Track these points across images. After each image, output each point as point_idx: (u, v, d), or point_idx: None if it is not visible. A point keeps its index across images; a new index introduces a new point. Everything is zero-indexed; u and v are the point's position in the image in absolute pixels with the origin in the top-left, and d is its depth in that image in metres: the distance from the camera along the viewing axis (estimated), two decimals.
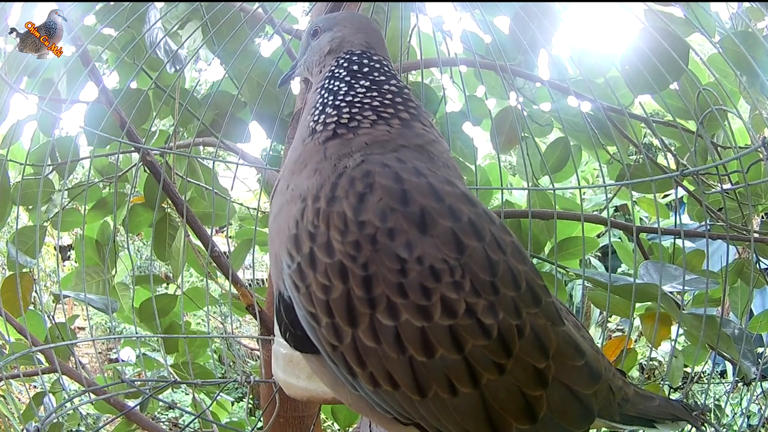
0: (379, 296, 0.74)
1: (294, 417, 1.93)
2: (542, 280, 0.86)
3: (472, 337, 0.75)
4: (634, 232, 1.79)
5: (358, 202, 0.77)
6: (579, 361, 0.83)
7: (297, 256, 0.79)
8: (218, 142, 2.05)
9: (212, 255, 1.96)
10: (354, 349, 0.76)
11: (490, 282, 0.77)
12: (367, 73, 0.96)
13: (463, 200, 0.81)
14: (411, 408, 0.77)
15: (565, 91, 2.04)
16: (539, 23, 1.73)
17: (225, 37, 1.75)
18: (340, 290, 0.76)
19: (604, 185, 1.95)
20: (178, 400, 4.89)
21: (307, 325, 0.80)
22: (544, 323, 0.80)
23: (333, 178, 0.81)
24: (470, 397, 0.76)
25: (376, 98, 0.92)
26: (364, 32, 1.03)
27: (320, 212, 0.79)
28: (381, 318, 0.74)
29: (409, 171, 0.81)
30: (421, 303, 0.74)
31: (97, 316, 5.17)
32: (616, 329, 4.72)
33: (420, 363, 0.75)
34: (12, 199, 1.95)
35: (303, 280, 0.78)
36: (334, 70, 0.97)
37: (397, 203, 0.77)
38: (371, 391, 0.78)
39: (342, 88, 0.94)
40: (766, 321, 2.04)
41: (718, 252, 2.32)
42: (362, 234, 0.76)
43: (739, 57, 1.65)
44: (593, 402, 0.83)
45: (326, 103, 0.93)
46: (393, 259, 0.75)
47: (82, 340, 2.23)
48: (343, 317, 0.76)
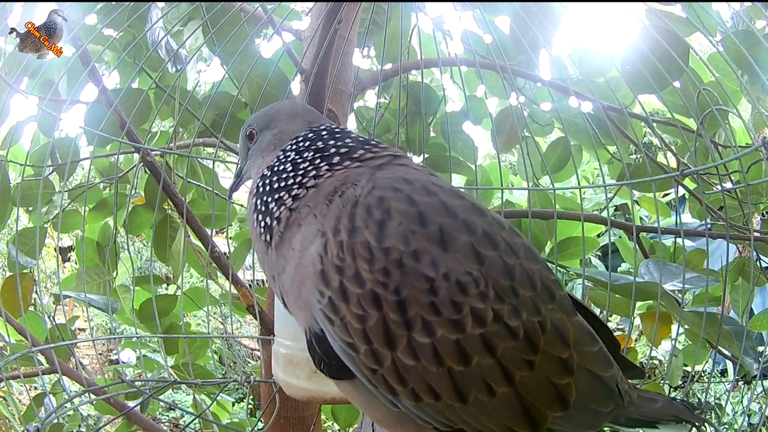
0: (413, 317, 0.76)
1: (294, 417, 1.93)
2: (553, 274, 0.90)
3: (501, 340, 0.78)
4: (634, 231, 1.78)
5: (379, 230, 0.79)
6: (595, 347, 0.88)
7: (327, 291, 0.80)
8: (218, 142, 2.05)
9: (212, 255, 1.96)
10: (394, 370, 0.78)
11: (510, 287, 0.80)
12: (313, 141, 0.94)
13: (474, 212, 0.84)
14: (453, 415, 0.80)
15: (565, 91, 2.04)
16: (539, 23, 1.73)
17: (225, 38, 1.75)
18: (375, 318, 0.77)
19: (604, 185, 1.95)
20: (178, 401, 4.88)
21: (344, 354, 0.81)
22: (561, 316, 0.84)
23: (348, 208, 0.82)
24: (507, 396, 0.79)
25: (327, 157, 0.92)
26: (300, 117, 1.01)
27: (344, 245, 0.80)
28: (418, 337, 0.77)
29: (419, 191, 0.83)
30: (454, 317, 0.77)
31: (97, 317, 5.17)
32: (617, 328, 4.73)
33: (458, 372, 0.77)
34: (12, 200, 1.95)
35: (336, 314, 0.79)
36: (280, 157, 0.95)
37: (416, 225, 0.79)
38: (413, 405, 0.80)
39: (286, 168, 0.93)
40: (766, 320, 2.05)
41: (718, 251, 2.32)
42: (389, 260, 0.77)
43: (740, 56, 1.65)
44: (613, 383, 0.88)
45: (273, 184, 0.92)
46: (422, 280, 0.77)
47: (82, 341, 2.23)
48: (381, 342, 0.77)
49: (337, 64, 1.75)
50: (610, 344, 0.94)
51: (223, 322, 2.61)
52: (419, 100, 2.14)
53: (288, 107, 1.07)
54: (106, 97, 1.81)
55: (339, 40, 1.64)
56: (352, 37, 1.93)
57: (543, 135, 2.33)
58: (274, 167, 0.94)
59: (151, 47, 1.89)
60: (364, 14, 1.98)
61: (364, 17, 1.98)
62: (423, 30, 2.10)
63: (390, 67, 2.15)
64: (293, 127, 0.99)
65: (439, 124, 2.35)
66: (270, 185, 0.93)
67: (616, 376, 0.90)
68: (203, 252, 2.20)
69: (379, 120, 2.28)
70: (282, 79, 1.89)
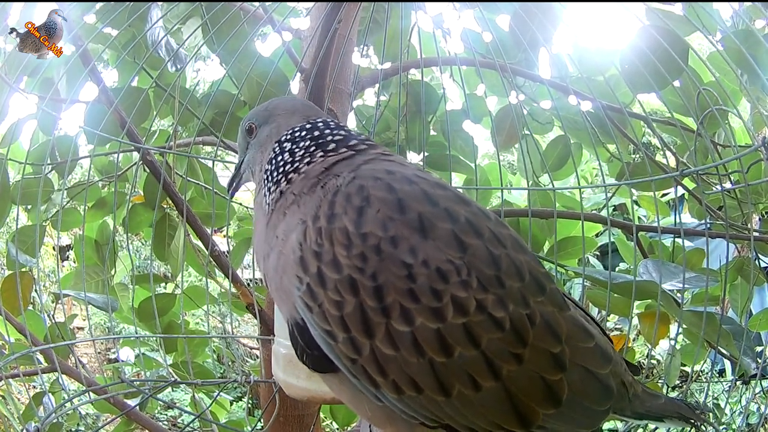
0: (391, 304, 0.76)
1: (293, 416, 1.93)
2: (543, 267, 0.88)
3: (486, 331, 0.77)
4: (634, 231, 1.79)
5: (357, 216, 0.79)
6: (590, 343, 0.85)
7: (305, 277, 0.80)
8: (218, 141, 2.05)
9: (212, 254, 1.96)
10: (374, 360, 0.77)
11: (495, 276, 0.79)
12: (310, 130, 0.96)
13: (457, 201, 0.84)
14: (437, 409, 0.79)
15: (564, 90, 2.04)
16: (539, 22, 1.73)
17: (225, 37, 1.74)
18: (352, 304, 0.77)
19: (603, 185, 1.96)
20: (177, 399, 4.89)
21: (323, 343, 0.81)
22: (552, 310, 0.83)
23: (329, 197, 0.83)
24: (494, 390, 0.77)
25: (323, 144, 0.94)
26: (299, 112, 1.02)
27: (322, 231, 0.80)
28: (396, 325, 0.76)
29: (400, 180, 0.83)
30: (433, 305, 0.76)
31: (96, 316, 5.16)
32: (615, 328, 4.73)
33: (440, 364, 0.76)
34: (12, 198, 1.95)
35: (314, 300, 0.79)
36: (275, 149, 0.97)
37: (395, 212, 0.79)
38: (395, 398, 0.79)
39: (284, 157, 0.95)
40: (765, 319, 2.05)
41: (717, 250, 2.33)
42: (366, 245, 0.77)
43: (740, 56, 1.65)
44: (610, 380, 0.86)
45: (272, 172, 0.95)
46: (400, 266, 0.76)
47: (81, 340, 2.23)
48: (359, 330, 0.77)
49: (337, 63, 1.74)
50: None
51: (222, 321, 2.61)
52: (419, 99, 2.14)
53: (287, 102, 1.07)
54: (106, 97, 1.81)
55: (339, 39, 1.64)
56: (352, 36, 1.93)
57: (543, 133, 2.33)
58: (272, 159, 0.96)
59: (151, 46, 1.89)
60: (364, 13, 1.97)
61: (364, 16, 1.98)
62: (423, 29, 2.09)
63: (390, 66, 2.15)
64: (291, 122, 1.00)
65: (439, 122, 2.35)
66: (271, 176, 0.95)
67: (616, 372, 0.89)
68: (202, 251, 2.20)
69: (379, 118, 2.28)
70: (282, 79, 1.89)
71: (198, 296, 2.29)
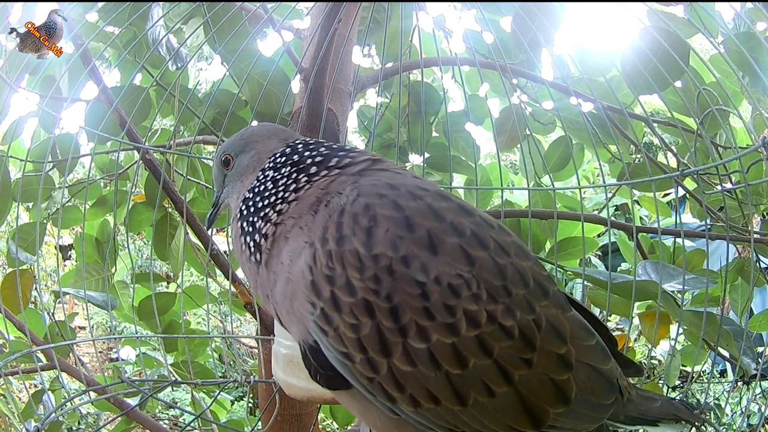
0: (408, 323, 0.76)
1: (292, 415, 1.92)
2: (545, 270, 0.90)
3: (497, 341, 0.78)
4: (634, 231, 1.79)
5: (366, 237, 0.79)
6: (591, 341, 0.89)
7: (319, 302, 0.80)
8: (219, 140, 2.05)
9: (211, 254, 1.96)
10: (392, 377, 0.78)
11: (502, 286, 0.80)
12: (290, 155, 0.94)
13: (461, 213, 0.84)
14: (454, 418, 0.80)
15: (565, 90, 2.04)
16: (540, 23, 1.72)
17: (226, 36, 1.74)
18: (369, 326, 0.77)
19: (604, 185, 1.95)
20: (178, 399, 4.89)
21: (339, 364, 0.81)
22: (556, 312, 0.85)
23: (335, 217, 0.82)
24: (507, 395, 0.80)
25: (304, 166, 0.92)
26: (275, 135, 1.00)
27: (332, 254, 0.79)
28: (413, 343, 0.77)
29: (405, 196, 0.83)
30: (448, 321, 0.77)
31: (97, 315, 5.17)
32: (615, 328, 4.73)
33: (456, 375, 0.78)
34: (12, 195, 1.95)
35: (330, 324, 0.79)
36: (259, 177, 0.95)
37: (404, 230, 0.79)
38: (412, 411, 0.80)
39: (267, 186, 0.92)
40: (765, 320, 2.05)
41: (717, 251, 2.32)
42: (379, 267, 0.77)
43: (742, 58, 1.65)
44: (613, 375, 0.89)
45: (257, 203, 0.92)
46: (413, 285, 0.77)
47: (82, 340, 2.23)
48: (376, 350, 0.77)
49: (337, 63, 1.74)
50: (608, 342, 0.94)
51: (223, 321, 2.61)
52: (420, 100, 2.14)
53: (262, 129, 1.05)
54: (107, 96, 1.81)
55: (339, 38, 1.64)
56: (352, 36, 1.93)
57: (545, 133, 2.33)
58: (255, 188, 0.94)
59: (152, 45, 1.89)
60: (364, 13, 1.97)
61: (364, 16, 1.98)
62: (424, 29, 2.09)
63: (390, 66, 2.15)
64: (270, 146, 0.98)
65: (440, 123, 2.35)
66: (254, 205, 0.92)
67: (615, 370, 0.91)
68: (203, 250, 2.20)
69: (380, 119, 2.28)
70: (282, 78, 1.89)
71: (198, 295, 2.29)
